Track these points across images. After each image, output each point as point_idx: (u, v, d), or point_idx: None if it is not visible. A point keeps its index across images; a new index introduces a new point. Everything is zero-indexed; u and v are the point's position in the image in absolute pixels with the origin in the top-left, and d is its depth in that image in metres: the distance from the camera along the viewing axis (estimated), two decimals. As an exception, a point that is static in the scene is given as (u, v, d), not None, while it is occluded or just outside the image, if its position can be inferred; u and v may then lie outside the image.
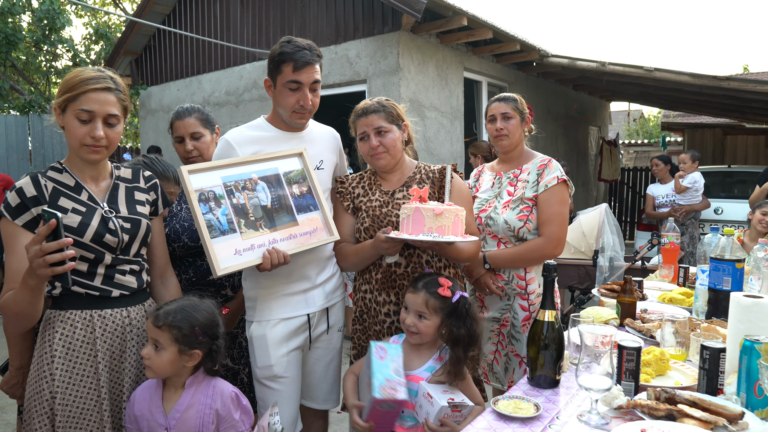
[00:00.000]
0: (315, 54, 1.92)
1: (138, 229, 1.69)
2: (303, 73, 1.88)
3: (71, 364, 1.59)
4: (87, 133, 1.57)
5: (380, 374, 1.64)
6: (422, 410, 1.67)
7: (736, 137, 11.69)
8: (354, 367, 1.91)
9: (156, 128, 8.68)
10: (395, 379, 1.64)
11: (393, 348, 1.74)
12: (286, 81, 1.90)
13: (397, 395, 1.60)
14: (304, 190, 1.97)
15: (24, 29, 10.81)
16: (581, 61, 7.07)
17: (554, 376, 1.59)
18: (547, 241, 2.24)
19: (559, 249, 2.27)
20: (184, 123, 2.27)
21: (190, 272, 2.21)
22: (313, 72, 1.91)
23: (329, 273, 2.08)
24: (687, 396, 1.35)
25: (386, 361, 1.68)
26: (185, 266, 2.21)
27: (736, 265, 2.03)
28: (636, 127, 22.71)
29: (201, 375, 1.67)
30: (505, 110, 2.35)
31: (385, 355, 1.70)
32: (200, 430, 1.61)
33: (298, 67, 1.87)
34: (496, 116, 2.36)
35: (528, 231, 2.27)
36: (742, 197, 7.10)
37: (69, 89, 1.57)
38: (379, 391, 1.60)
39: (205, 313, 1.64)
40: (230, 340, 2.32)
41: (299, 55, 1.87)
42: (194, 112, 2.29)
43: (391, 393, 1.60)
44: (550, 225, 2.25)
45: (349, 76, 6.21)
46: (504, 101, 2.38)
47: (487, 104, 2.45)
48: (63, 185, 1.63)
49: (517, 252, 2.26)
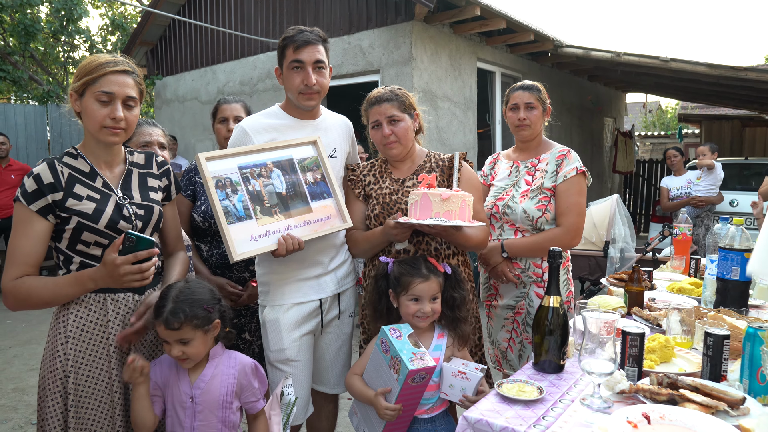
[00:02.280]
0: (316, 35, 1.97)
1: (151, 216, 1.73)
2: (304, 52, 1.94)
3: (84, 345, 1.63)
4: (107, 114, 1.60)
5: (405, 349, 1.69)
6: (455, 389, 1.75)
7: (754, 129, 11.50)
8: (354, 368, 1.91)
9: (171, 118, 8.77)
10: (420, 351, 1.70)
11: (404, 327, 1.79)
12: (289, 62, 1.97)
13: (428, 363, 1.67)
14: (318, 178, 2.01)
15: (42, 20, 10.95)
16: (596, 52, 7.00)
17: (558, 362, 1.62)
18: (566, 232, 2.26)
19: (576, 239, 2.28)
20: (231, 107, 2.59)
21: (222, 247, 2.35)
22: (315, 51, 1.96)
23: (341, 259, 2.13)
24: (689, 381, 1.38)
25: (403, 338, 1.74)
26: (218, 242, 2.38)
27: (745, 254, 2.04)
28: (653, 119, 22.41)
29: (220, 348, 1.74)
30: (528, 100, 2.34)
31: (400, 334, 1.76)
32: (224, 398, 1.68)
33: (298, 47, 1.94)
34: (519, 105, 2.35)
35: (546, 221, 2.28)
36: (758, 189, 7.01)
37: (88, 72, 1.60)
38: (412, 362, 1.65)
39: (201, 290, 1.68)
40: (250, 315, 2.41)
41: (299, 36, 1.95)
42: (240, 101, 2.65)
43: (423, 362, 1.66)
44: (568, 215, 2.26)
45: (362, 66, 6.23)
46: (528, 90, 2.35)
47: (509, 91, 2.43)
48: (78, 171, 1.66)
49: (536, 241, 2.27)
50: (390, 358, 1.71)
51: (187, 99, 8.50)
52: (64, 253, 1.64)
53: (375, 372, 1.80)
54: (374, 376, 1.80)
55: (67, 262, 1.65)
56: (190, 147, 8.40)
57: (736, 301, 2.06)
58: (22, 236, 1.59)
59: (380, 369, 1.77)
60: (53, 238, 1.65)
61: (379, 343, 1.77)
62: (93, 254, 1.64)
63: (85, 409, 1.63)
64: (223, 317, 1.71)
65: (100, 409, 1.65)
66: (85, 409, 1.63)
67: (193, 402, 1.66)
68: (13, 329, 5.28)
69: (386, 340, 1.73)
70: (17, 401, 3.67)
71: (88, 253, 1.64)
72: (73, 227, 1.60)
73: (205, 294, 1.68)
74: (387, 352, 1.73)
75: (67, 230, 1.61)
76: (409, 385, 1.67)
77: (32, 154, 8.46)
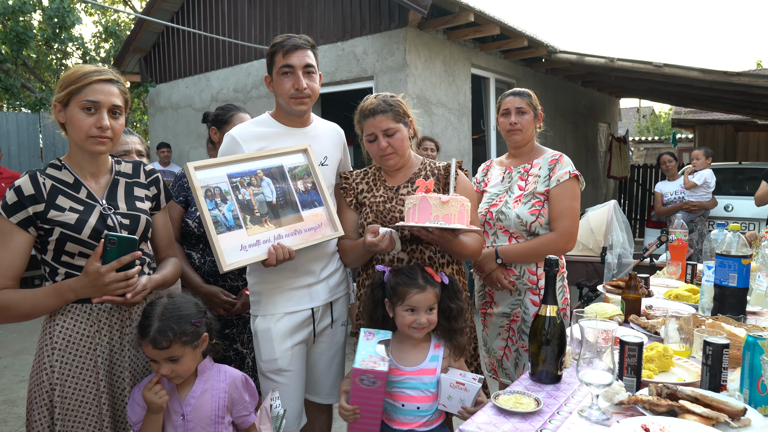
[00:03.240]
0: (305, 41, 1.97)
1: (137, 225, 1.70)
2: (293, 56, 1.92)
3: (71, 356, 1.60)
4: (93, 124, 1.58)
5: (364, 351, 1.67)
6: (453, 401, 1.71)
7: (747, 134, 11.55)
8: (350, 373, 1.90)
9: (165, 125, 8.73)
10: (378, 355, 1.67)
11: (383, 332, 1.76)
12: (279, 67, 1.95)
13: (377, 367, 1.63)
14: (308, 186, 1.98)
15: (35, 27, 10.91)
16: (589, 57, 7.02)
17: (556, 372, 1.59)
18: (560, 236, 2.24)
19: (571, 244, 2.27)
20: (241, 116, 2.52)
21: None
22: (304, 56, 1.94)
23: (333, 268, 2.10)
24: (689, 392, 1.35)
25: (372, 341, 1.71)
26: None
27: (742, 261, 2.02)
28: (647, 124, 22.53)
29: (209, 362, 1.70)
30: (519, 105, 2.35)
31: (372, 337, 1.73)
32: (216, 413, 1.64)
33: (287, 51, 1.92)
34: (510, 110, 2.36)
35: (540, 225, 2.26)
36: (753, 194, 7.02)
37: (72, 82, 1.58)
38: (360, 363, 1.63)
39: (186, 305, 1.64)
40: (242, 325, 2.37)
41: (288, 41, 1.94)
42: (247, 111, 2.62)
43: (372, 365, 1.62)
44: (562, 219, 2.25)
45: (355, 72, 6.21)
46: (519, 96, 2.37)
47: (500, 98, 2.44)
48: (62, 183, 1.63)
49: (530, 246, 2.26)
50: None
51: (181, 106, 8.47)
52: (50, 265, 1.61)
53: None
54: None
55: (53, 274, 1.62)
56: (184, 154, 8.36)
57: (734, 308, 2.04)
58: (1, 249, 1.56)
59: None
60: (39, 249, 1.62)
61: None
62: (78, 265, 1.61)
63: (72, 422, 1.59)
64: (209, 329, 1.68)
65: (87, 422, 1.61)
66: (72, 423, 1.59)
67: (184, 419, 1.62)
68: (4, 339, 5.21)
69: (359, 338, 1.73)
70: (7, 413, 3.61)
71: (74, 264, 1.61)
72: (56, 238, 1.57)
73: (190, 308, 1.64)
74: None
75: (51, 241, 1.58)
76: (358, 386, 1.64)
77: (24, 162, 8.40)
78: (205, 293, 2.24)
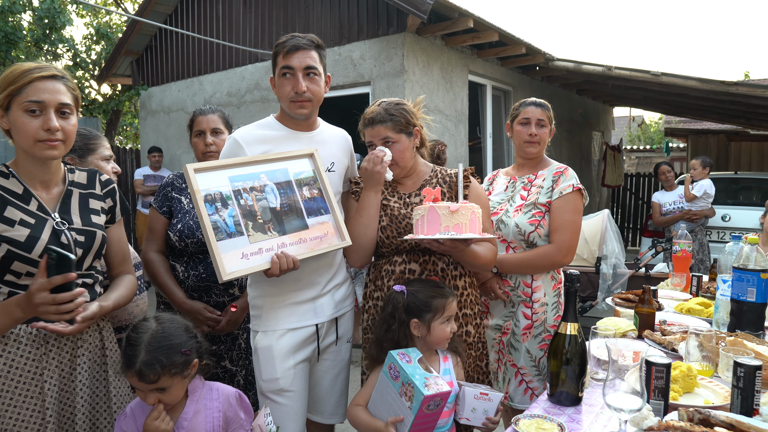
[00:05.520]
0: (309, 41, 1.87)
1: (93, 242, 1.56)
2: (293, 58, 1.83)
3: (13, 383, 1.44)
4: (40, 126, 1.43)
5: (418, 375, 1.58)
6: (477, 413, 1.66)
7: (740, 143, 11.62)
8: (357, 399, 1.76)
9: (156, 129, 8.59)
10: (432, 375, 1.59)
11: (413, 351, 1.68)
12: (280, 69, 1.86)
13: (442, 388, 1.56)
14: (315, 193, 1.89)
15: (24, 28, 10.72)
16: (587, 65, 7.00)
17: (576, 393, 1.51)
18: (557, 249, 2.18)
19: (569, 257, 2.21)
20: (207, 118, 2.35)
21: (200, 269, 2.20)
22: (306, 57, 1.84)
23: (339, 280, 2.00)
24: (723, 417, 1.27)
25: (413, 362, 1.63)
26: (195, 263, 2.21)
27: (761, 275, 1.95)
28: (638, 133, 22.67)
29: (199, 380, 1.60)
30: (541, 117, 2.30)
31: (410, 358, 1.64)
32: None
33: (288, 52, 1.84)
34: (531, 120, 2.30)
35: (539, 236, 2.21)
36: (749, 204, 7.02)
37: (11, 82, 1.43)
38: (426, 387, 1.53)
39: (176, 331, 1.53)
40: (230, 342, 2.27)
41: (290, 41, 1.85)
42: (217, 111, 2.39)
43: (438, 387, 1.55)
44: (561, 232, 2.19)
45: (352, 77, 6.14)
46: (541, 107, 2.32)
47: (519, 105, 2.37)
48: (10, 192, 1.47)
49: (526, 257, 2.20)
50: (401, 384, 1.58)
51: (173, 110, 8.33)
52: None
53: (382, 401, 1.66)
54: (381, 406, 1.66)
55: None
56: (176, 159, 8.22)
57: (753, 324, 1.97)
58: None
59: (388, 397, 1.63)
60: None
61: (386, 369, 1.64)
62: (24, 284, 1.44)
63: None
64: (200, 353, 1.56)
65: None
66: None
67: None
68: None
69: (395, 365, 1.61)
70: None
71: (18, 284, 1.45)
72: (2, 255, 1.41)
73: (180, 336, 1.51)
74: (397, 379, 1.60)
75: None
76: (423, 413, 1.54)
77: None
78: (188, 310, 2.12)
